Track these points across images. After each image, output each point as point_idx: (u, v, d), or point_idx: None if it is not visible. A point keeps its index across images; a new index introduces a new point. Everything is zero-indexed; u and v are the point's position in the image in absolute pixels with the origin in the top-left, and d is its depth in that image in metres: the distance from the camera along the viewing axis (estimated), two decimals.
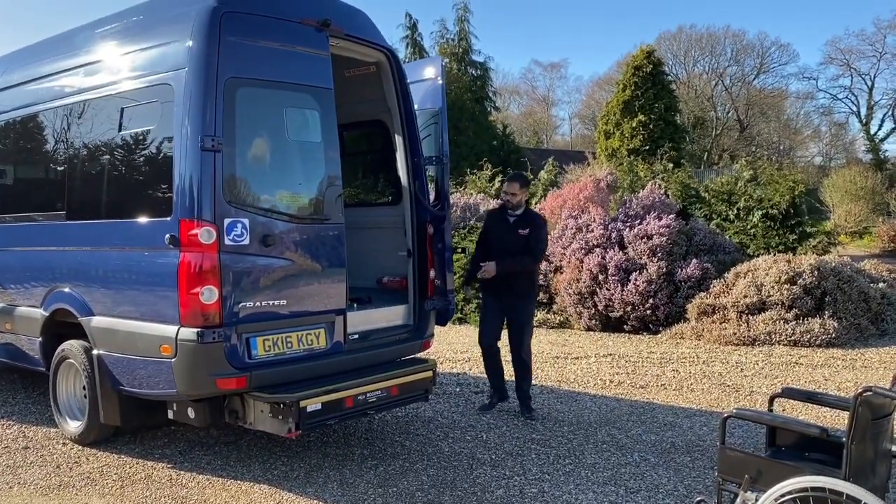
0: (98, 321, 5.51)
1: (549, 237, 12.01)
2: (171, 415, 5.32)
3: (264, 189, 5.15)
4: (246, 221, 4.87)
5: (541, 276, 12.33)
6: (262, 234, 4.96)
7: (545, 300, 12.04)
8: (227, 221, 4.79)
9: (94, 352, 5.51)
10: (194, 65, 4.85)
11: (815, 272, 10.26)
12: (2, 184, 7.18)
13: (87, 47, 6.04)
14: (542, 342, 10.38)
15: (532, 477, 5.22)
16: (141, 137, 5.39)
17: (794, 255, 11.64)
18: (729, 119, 46.22)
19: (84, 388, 5.72)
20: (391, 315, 6.11)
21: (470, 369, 8.64)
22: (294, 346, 5.18)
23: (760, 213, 13.91)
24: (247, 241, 4.87)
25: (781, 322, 9.89)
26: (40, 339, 6.15)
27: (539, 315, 11.75)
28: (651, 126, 27.17)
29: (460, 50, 34.40)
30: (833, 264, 10.66)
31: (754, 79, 47.28)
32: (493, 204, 16.60)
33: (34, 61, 6.73)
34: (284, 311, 5.13)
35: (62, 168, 6.12)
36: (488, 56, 34.82)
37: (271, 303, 5.05)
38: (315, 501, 4.80)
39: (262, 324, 5.00)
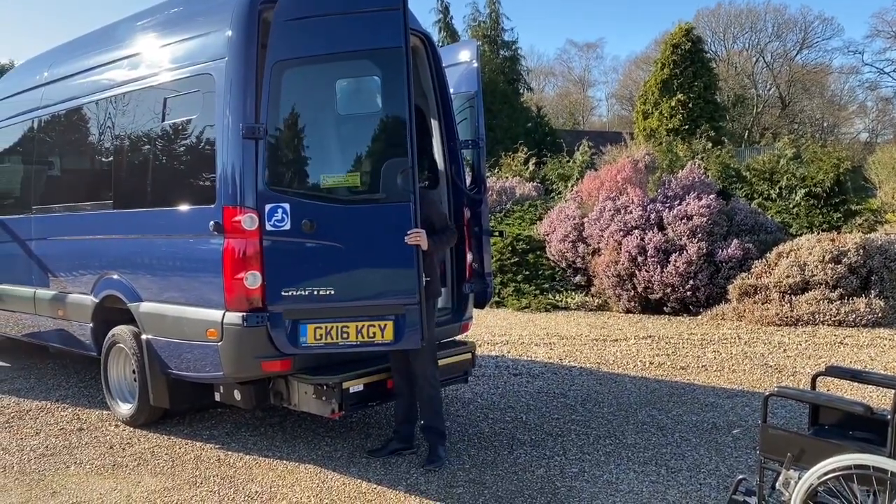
0: (146, 307, 5.67)
1: (599, 220, 11.78)
2: (218, 397, 5.48)
3: (309, 171, 5.07)
4: (287, 206, 4.80)
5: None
6: (305, 218, 4.82)
7: (583, 283, 12.00)
8: (268, 207, 4.81)
9: (143, 337, 5.67)
10: (234, 54, 4.93)
11: (861, 251, 10.04)
12: (51, 175, 7.41)
13: (129, 40, 6.19)
14: (580, 325, 10.37)
15: (572, 457, 5.25)
16: (184, 127, 5.51)
17: (838, 233, 11.40)
18: (770, 96, 45.15)
19: (134, 371, 5.89)
20: None
21: (508, 352, 8.68)
22: (351, 338, 4.84)
23: (803, 191, 13.62)
24: (288, 226, 4.81)
25: (825, 302, 9.71)
26: (91, 324, 6.34)
27: (577, 297, 11.74)
28: (690, 105, 26.77)
29: (492, 32, 34.16)
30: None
31: (797, 54, 46.15)
32: (529, 187, 16.61)
33: (78, 55, 6.92)
34: (337, 298, 4.81)
35: (108, 158, 6.28)
36: (515, 35, 34.38)
37: (319, 290, 4.80)
38: (359, 481, 4.90)
39: (310, 310, 4.83)
